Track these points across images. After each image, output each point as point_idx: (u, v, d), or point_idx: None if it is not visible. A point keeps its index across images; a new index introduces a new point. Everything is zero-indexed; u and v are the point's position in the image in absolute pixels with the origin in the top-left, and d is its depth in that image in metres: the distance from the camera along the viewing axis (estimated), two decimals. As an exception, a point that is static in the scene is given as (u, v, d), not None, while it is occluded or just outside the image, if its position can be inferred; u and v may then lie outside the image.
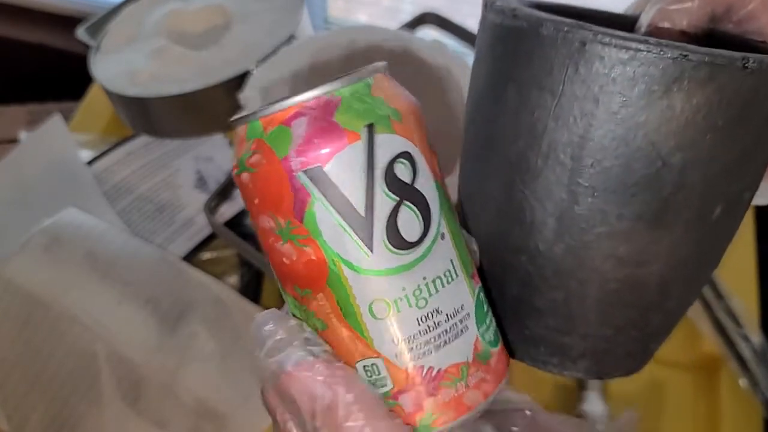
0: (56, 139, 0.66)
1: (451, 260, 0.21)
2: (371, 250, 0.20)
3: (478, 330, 0.22)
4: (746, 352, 0.59)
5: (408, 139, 0.20)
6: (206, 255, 0.63)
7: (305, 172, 0.19)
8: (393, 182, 0.20)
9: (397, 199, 0.20)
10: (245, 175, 0.20)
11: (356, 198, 0.19)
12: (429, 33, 0.57)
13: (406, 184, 0.20)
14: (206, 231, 0.63)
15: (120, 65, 0.55)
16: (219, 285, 0.57)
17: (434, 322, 0.21)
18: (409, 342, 0.20)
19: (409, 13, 0.96)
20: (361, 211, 0.19)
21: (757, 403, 0.58)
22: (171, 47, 0.55)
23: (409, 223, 0.20)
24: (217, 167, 0.68)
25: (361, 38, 0.52)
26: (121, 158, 0.67)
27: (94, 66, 0.56)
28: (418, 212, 0.20)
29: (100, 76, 0.55)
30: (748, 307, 0.61)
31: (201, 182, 0.67)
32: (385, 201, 0.20)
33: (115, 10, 0.60)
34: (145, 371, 0.52)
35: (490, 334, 0.22)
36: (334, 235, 0.19)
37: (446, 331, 0.21)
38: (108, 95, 0.54)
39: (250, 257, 0.44)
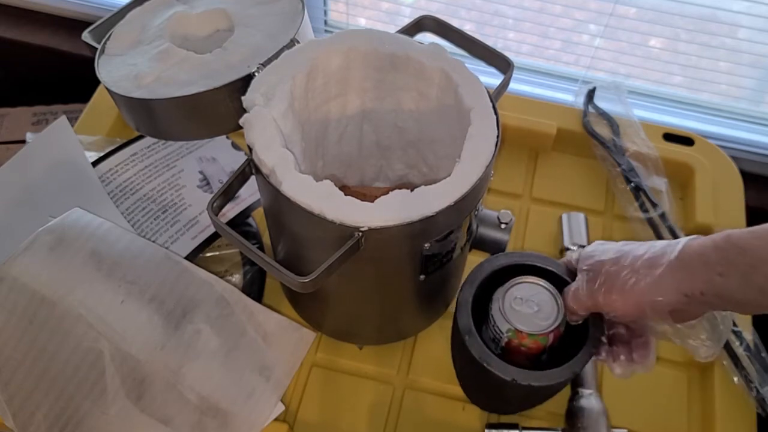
0: (62, 140, 0.66)
1: None
2: None
3: None
4: (739, 350, 0.60)
5: None
6: (210, 254, 0.64)
7: (550, 346, 0.51)
8: None
9: None
10: (522, 348, 0.49)
11: None
12: (427, 37, 0.58)
13: None
14: (210, 230, 0.64)
15: (125, 68, 0.56)
16: (222, 283, 0.57)
17: None
18: None
19: (408, 16, 0.97)
20: None
21: (750, 400, 0.58)
22: (175, 50, 0.55)
23: None
24: (220, 168, 0.69)
25: (361, 42, 0.53)
26: (126, 159, 0.68)
27: (99, 68, 0.56)
28: None
29: (105, 78, 0.55)
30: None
31: (204, 182, 0.68)
32: None
33: (120, 14, 0.61)
34: (149, 368, 0.52)
35: None
36: None
37: None
38: (113, 97, 0.55)
39: (252, 256, 0.45)
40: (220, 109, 0.51)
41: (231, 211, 0.66)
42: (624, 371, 0.48)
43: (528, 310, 0.48)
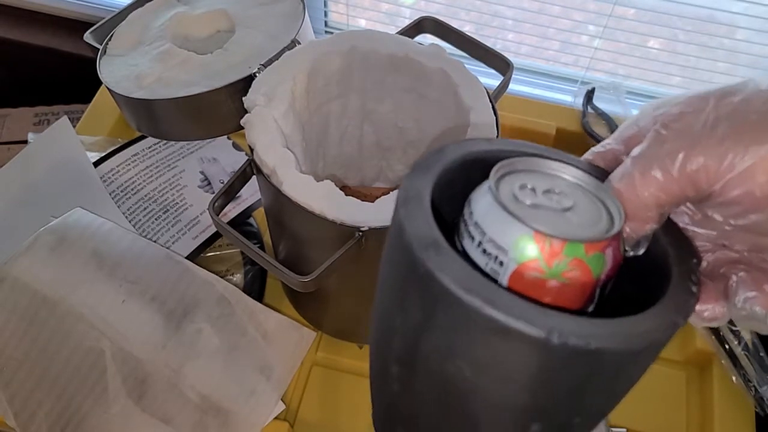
0: (63, 141, 0.66)
1: None
2: None
3: None
4: (738, 349, 0.60)
5: None
6: (211, 254, 0.64)
7: (603, 287, 0.23)
8: None
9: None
10: (553, 282, 0.22)
11: None
12: (427, 38, 0.58)
13: None
14: (211, 230, 0.64)
15: (126, 68, 0.56)
16: (223, 283, 0.57)
17: None
18: None
19: (407, 18, 0.97)
20: None
21: (748, 399, 0.58)
22: (176, 51, 0.56)
23: None
24: (221, 168, 0.69)
25: (362, 43, 0.53)
26: (127, 159, 0.68)
27: (100, 69, 0.57)
28: None
29: (107, 78, 0.55)
30: (739, 306, 0.62)
31: (205, 182, 0.68)
32: None
33: (122, 14, 0.61)
34: (151, 368, 0.53)
35: None
36: None
37: None
38: (114, 98, 0.55)
39: (254, 256, 0.45)
40: (221, 110, 0.52)
41: (232, 211, 0.66)
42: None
43: (552, 204, 0.23)
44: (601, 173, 0.25)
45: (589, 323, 0.20)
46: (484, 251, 0.22)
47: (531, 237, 0.21)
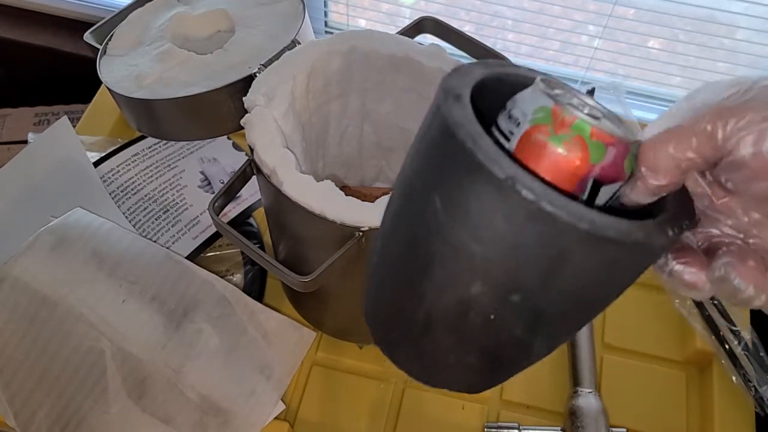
0: (64, 141, 0.66)
1: None
2: None
3: None
4: (738, 349, 0.60)
5: None
6: (211, 254, 0.64)
7: (594, 181, 0.24)
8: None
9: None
10: (553, 148, 0.23)
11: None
12: (427, 38, 0.58)
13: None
14: (211, 230, 0.64)
15: (126, 68, 0.56)
16: (223, 283, 0.57)
17: None
18: None
19: (407, 18, 0.97)
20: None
21: (748, 399, 0.58)
22: (176, 51, 0.56)
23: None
24: (221, 168, 0.69)
25: (362, 43, 0.53)
26: (127, 159, 0.68)
27: (100, 69, 0.57)
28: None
29: (107, 78, 0.55)
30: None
31: (205, 183, 0.68)
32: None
33: (122, 15, 0.61)
34: (151, 368, 0.53)
35: None
36: None
37: None
38: (114, 98, 0.55)
39: (254, 256, 0.45)
40: (221, 110, 0.52)
41: (232, 211, 0.66)
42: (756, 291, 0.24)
43: (584, 108, 0.24)
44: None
45: (556, 194, 0.21)
46: (510, 116, 0.24)
47: (550, 108, 0.23)
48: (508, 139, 0.24)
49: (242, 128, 0.48)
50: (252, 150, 0.46)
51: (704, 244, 0.27)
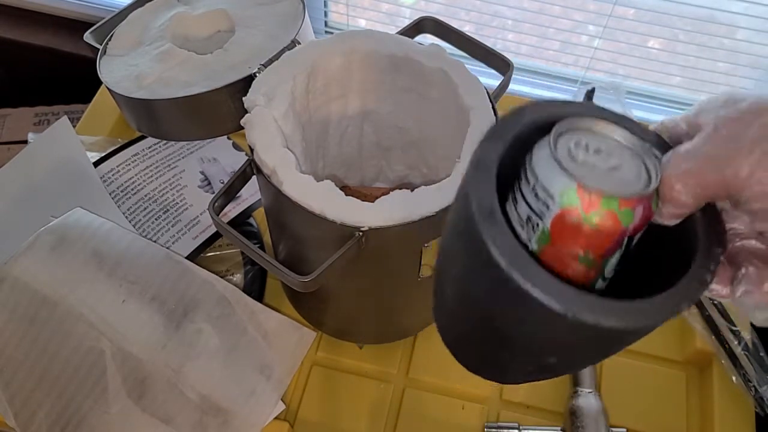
0: (64, 141, 0.66)
1: None
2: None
3: None
4: (738, 349, 0.60)
5: None
6: (211, 254, 0.64)
7: (630, 237, 0.27)
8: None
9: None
10: (587, 226, 0.26)
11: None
12: (427, 38, 0.58)
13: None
14: (211, 230, 0.64)
15: (126, 68, 0.56)
16: (223, 283, 0.58)
17: None
18: None
19: (408, 18, 0.97)
20: None
21: (748, 399, 0.58)
22: (176, 51, 0.56)
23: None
24: (221, 168, 0.69)
25: (362, 43, 0.53)
26: (127, 159, 0.68)
27: (100, 69, 0.57)
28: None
29: (107, 78, 0.55)
30: (739, 306, 0.62)
31: (205, 183, 0.68)
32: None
33: (122, 14, 0.61)
34: (151, 368, 0.53)
35: None
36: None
37: None
38: (114, 98, 0.55)
39: (254, 256, 0.45)
40: (221, 110, 0.52)
41: (232, 211, 0.66)
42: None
43: (600, 162, 0.27)
44: (651, 136, 0.29)
45: (596, 302, 0.24)
46: (536, 195, 0.27)
47: (575, 189, 0.25)
48: (541, 218, 0.27)
49: (242, 128, 0.48)
50: (252, 150, 0.46)
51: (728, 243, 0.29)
